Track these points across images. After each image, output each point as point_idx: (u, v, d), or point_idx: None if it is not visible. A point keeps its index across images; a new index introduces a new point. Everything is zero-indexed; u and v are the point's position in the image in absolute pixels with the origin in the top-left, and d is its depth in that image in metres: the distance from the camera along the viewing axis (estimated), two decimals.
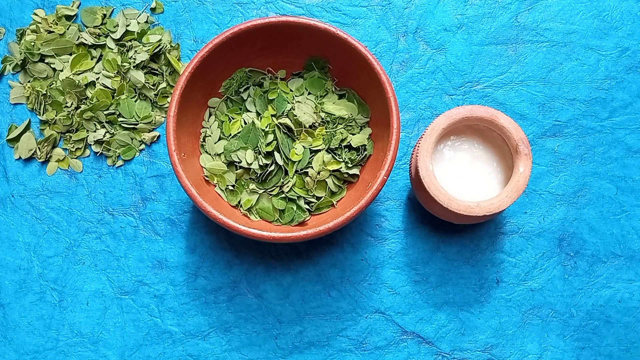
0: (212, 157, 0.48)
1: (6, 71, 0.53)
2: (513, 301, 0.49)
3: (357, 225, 0.50)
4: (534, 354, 0.48)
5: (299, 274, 0.50)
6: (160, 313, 0.49)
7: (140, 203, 0.51)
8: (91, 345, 0.49)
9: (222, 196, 0.48)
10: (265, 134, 0.47)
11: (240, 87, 0.49)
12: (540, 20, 0.54)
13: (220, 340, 0.49)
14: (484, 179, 0.45)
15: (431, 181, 0.42)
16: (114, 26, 0.53)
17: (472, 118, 0.43)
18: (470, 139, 0.46)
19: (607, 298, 0.49)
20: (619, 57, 0.53)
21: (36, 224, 0.51)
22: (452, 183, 0.45)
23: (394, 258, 0.50)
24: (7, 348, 0.49)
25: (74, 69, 0.52)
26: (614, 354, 0.49)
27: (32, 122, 0.52)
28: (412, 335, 0.49)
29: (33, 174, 0.51)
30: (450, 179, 0.45)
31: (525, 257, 0.50)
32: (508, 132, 0.43)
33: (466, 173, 0.45)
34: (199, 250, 0.50)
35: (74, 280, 0.50)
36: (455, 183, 0.45)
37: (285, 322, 0.49)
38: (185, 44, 0.54)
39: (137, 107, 0.52)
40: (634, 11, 0.54)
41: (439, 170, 0.45)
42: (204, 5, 0.55)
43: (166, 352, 0.48)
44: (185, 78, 0.44)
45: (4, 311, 0.49)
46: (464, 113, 0.43)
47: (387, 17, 0.54)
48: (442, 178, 0.45)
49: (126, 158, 0.52)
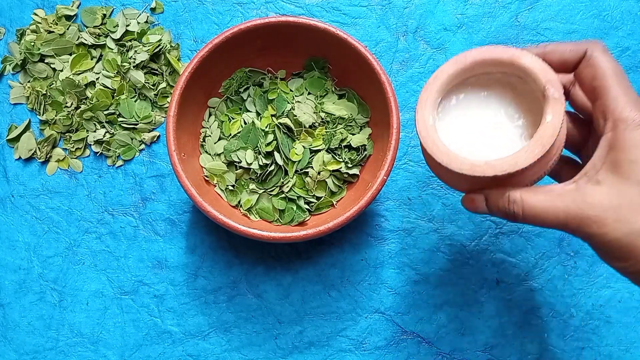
0: (212, 157, 0.48)
1: (6, 71, 0.53)
2: (513, 301, 0.49)
3: (357, 225, 0.50)
4: (534, 354, 0.48)
5: (299, 274, 0.50)
6: (160, 313, 0.49)
7: (140, 203, 0.51)
8: (91, 345, 0.49)
9: (222, 196, 0.48)
10: (265, 134, 0.47)
11: (240, 87, 0.49)
12: (541, 20, 0.54)
13: (220, 340, 0.49)
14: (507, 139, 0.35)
15: (429, 136, 0.34)
16: (114, 26, 0.53)
17: (486, 62, 0.34)
18: (489, 91, 0.37)
19: (607, 298, 0.49)
20: (619, 57, 0.53)
21: (36, 224, 0.51)
22: (466, 144, 0.36)
23: (394, 258, 0.50)
24: (7, 348, 0.49)
25: (74, 69, 0.52)
26: (614, 354, 0.49)
27: (32, 122, 0.52)
28: (412, 335, 0.49)
29: (33, 174, 0.51)
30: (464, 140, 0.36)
31: (525, 257, 0.50)
32: (534, 74, 0.33)
33: (484, 132, 0.36)
34: (199, 250, 0.50)
35: (74, 280, 0.50)
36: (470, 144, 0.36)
37: (285, 322, 0.49)
38: (185, 44, 0.54)
39: (137, 107, 0.52)
40: (634, 11, 0.54)
41: (446, 128, 0.36)
42: (204, 5, 0.55)
43: (166, 352, 0.48)
44: (185, 78, 0.44)
45: (4, 311, 0.49)
46: (475, 55, 0.34)
47: (387, 16, 0.54)
48: (452, 137, 0.36)
49: (126, 158, 0.51)
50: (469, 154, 0.35)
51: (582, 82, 0.33)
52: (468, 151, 0.35)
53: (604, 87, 0.31)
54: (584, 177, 0.31)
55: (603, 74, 0.32)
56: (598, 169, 0.31)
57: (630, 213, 0.29)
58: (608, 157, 0.31)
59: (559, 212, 0.31)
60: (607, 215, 0.30)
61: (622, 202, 0.29)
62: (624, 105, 0.31)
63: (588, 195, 0.30)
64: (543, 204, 0.31)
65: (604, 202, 0.30)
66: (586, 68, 0.32)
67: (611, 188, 0.30)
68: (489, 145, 0.35)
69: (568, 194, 0.31)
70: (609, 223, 0.30)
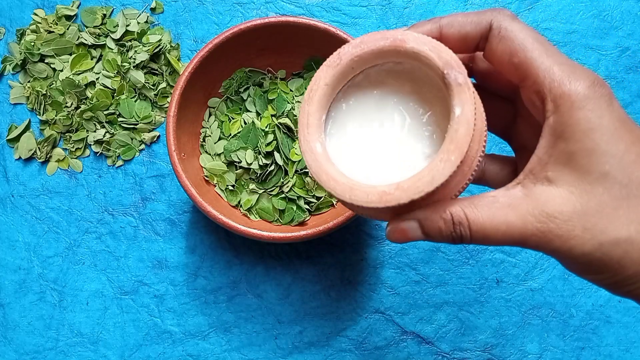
0: (212, 157, 0.48)
1: (6, 71, 0.53)
2: (513, 301, 0.49)
3: (357, 225, 0.50)
4: (534, 354, 0.48)
5: (299, 274, 0.50)
6: (160, 313, 0.49)
7: (140, 203, 0.51)
8: (91, 345, 0.49)
9: (222, 196, 0.48)
10: (265, 134, 0.47)
11: (240, 87, 0.49)
12: (541, 20, 0.54)
13: (220, 340, 0.49)
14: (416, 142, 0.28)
15: (322, 170, 0.27)
16: (114, 26, 0.53)
17: (367, 56, 0.27)
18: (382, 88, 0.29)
19: (607, 298, 0.49)
20: (619, 57, 0.53)
21: (36, 224, 0.51)
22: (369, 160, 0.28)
23: (394, 258, 0.50)
24: (7, 348, 0.49)
25: (74, 69, 0.52)
26: (614, 354, 0.49)
27: (32, 122, 0.52)
28: (412, 335, 0.49)
29: (33, 174, 0.51)
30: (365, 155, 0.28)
31: (525, 257, 0.50)
32: (427, 59, 0.26)
33: (386, 140, 0.28)
34: (199, 250, 0.50)
35: (74, 280, 0.50)
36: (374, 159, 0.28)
37: (285, 322, 0.49)
38: (185, 44, 0.54)
39: (137, 107, 0.52)
40: (634, 11, 0.54)
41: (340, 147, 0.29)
42: (204, 5, 0.55)
43: (166, 352, 0.48)
44: (185, 78, 0.44)
45: (4, 311, 0.49)
46: (351, 53, 0.27)
47: (387, 16, 0.54)
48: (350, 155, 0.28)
49: (126, 158, 0.51)
50: (375, 173, 0.28)
51: (499, 62, 0.26)
52: (372, 169, 0.28)
53: (528, 62, 0.25)
54: (530, 176, 0.25)
55: (522, 46, 0.25)
56: (545, 163, 0.25)
57: (599, 220, 0.23)
58: (557, 149, 0.24)
59: (513, 230, 0.24)
60: (572, 226, 0.24)
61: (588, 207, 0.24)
62: (561, 76, 0.24)
63: (543, 203, 0.24)
64: (492, 221, 0.25)
65: (565, 210, 0.24)
66: (499, 44, 0.26)
67: (570, 189, 0.24)
68: (396, 156, 0.28)
69: (518, 203, 0.25)
70: (575, 235, 0.24)
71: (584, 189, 0.24)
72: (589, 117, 0.23)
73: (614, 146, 0.23)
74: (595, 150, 0.23)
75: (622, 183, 0.23)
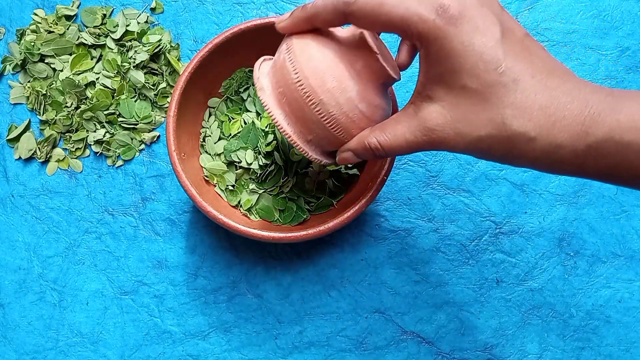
0: (212, 157, 0.48)
1: (6, 71, 0.53)
2: (513, 301, 0.49)
3: (357, 225, 0.50)
4: (534, 354, 0.48)
5: (299, 274, 0.50)
6: (160, 313, 0.49)
7: (140, 203, 0.51)
8: (91, 345, 0.49)
9: (222, 196, 0.48)
10: (265, 134, 0.47)
11: (240, 87, 0.49)
12: (541, 20, 0.54)
13: (220, 340, 0.49)
14: None
15: None
16: (114, 26, 0.53)
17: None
18: None
19: (607, 298, 0.49)
20: (619, 57, 0.53)
21: (36, 224, 0.51)
22: None
23: (394, 258, 0.50)
24: (7, 348, 0.49)
25: (74, 69, 0.52)
26: (614, 354, 0.49)
27: (32, 122, 0.52)
28: (412, 335, 0.49)
29: (33, 174, 0.51)
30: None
31: (525, 257, 0.50)
32: None
33: None
34: (199, 250, 0.50)
35: (74, 280, 0.50)
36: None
37: (285, 322, 0.49)
38: (185, 44, 0.54)
39: (137, 107, 0.52)
40: (634, 11, 0.54)
41: None
42: (204, 5, 0.55)
43: (166, 352, 0.48)
44: (185, 78, 0.44)
45: (4, 311, 0.49)
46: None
47: None
48: None
49: (126, 158, 0.51)
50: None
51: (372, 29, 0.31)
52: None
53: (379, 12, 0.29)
54: (418, 95, 0.31)
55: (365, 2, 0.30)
56: (424, 84, 0.31)
57: (464, 125, 0.29)
58: (430, 72, 0.30)
59: (411, 144, 0.32)
60: (447, 134, 0.30)
61: (455, 116, 0.29)
62: (413, 11, 0.28)
63: (425, 120, 0.30)
64: (396, 140, 0.32)
65: (440, 122, 0.30)
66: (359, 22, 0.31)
67: (442, 104, 0.30)
68: None
69: (410, 122, 0.31)
70: (451, 139, 0.30)
71: (451, 101, 0.29)
72: (447, 46, 0.28)
73: (466, 62, 0.28)
74: (454, 69, 0.28)
75: (477, 91, 0.28)
